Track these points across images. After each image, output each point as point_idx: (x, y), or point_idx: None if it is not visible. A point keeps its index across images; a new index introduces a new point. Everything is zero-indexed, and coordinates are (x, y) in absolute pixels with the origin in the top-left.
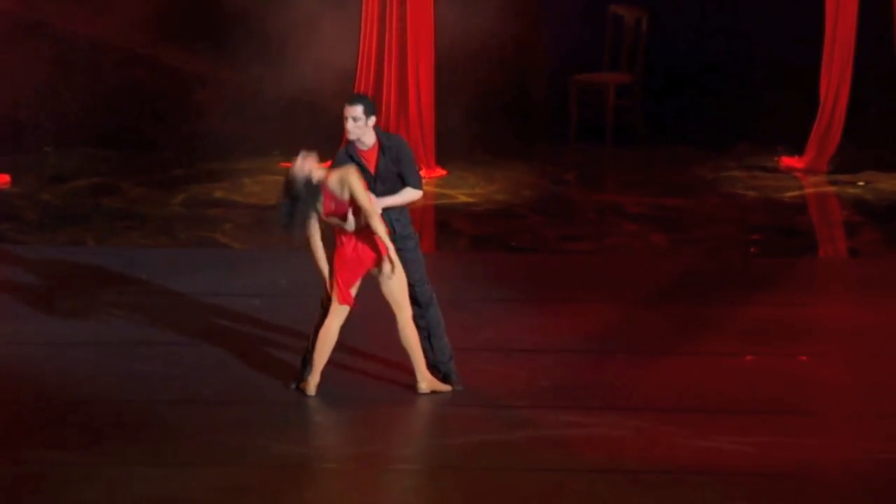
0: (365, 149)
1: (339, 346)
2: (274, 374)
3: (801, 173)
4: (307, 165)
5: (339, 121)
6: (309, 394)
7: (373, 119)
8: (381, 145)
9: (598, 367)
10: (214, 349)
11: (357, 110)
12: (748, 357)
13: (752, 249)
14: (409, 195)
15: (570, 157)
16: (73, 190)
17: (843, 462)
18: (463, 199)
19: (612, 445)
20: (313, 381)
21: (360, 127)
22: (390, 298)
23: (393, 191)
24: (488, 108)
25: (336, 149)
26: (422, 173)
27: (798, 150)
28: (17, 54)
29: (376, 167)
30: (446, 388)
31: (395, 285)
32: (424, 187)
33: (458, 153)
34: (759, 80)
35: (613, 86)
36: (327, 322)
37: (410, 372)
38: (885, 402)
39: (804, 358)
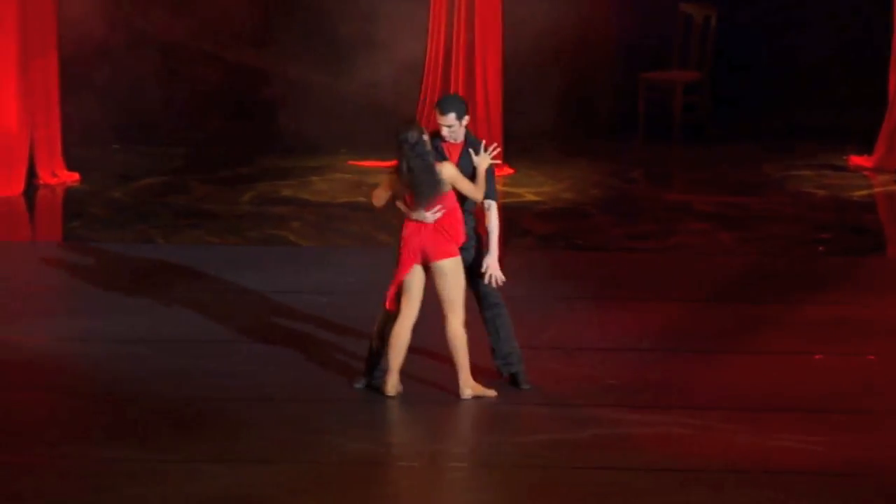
0: (452, 142)
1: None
2: (340, 371)
3: (870, 172)
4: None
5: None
6: (388, 394)
7: (466, 119)
8: (467, 144)
9: (663, 366)
10: (281, 347)
11: (450, 118)
12: (816, 356)
13: (819, 248)
14: (493, 215)
15: (637, 155)
16: (142, 188)
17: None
18: (530, 197)
19: (678, 444)
20: (391, 380)
21: (455, 131)
22: (445, 298)
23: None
24: (556, 106)
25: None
26: None
27: (868, 148)
28: (86, 52)
29: (457, 164)
30: (491, 393)
31: (452, 285)
32: None
33: (525, 151)
34: (828, 77)
35: (681, 83)
36: (399, 320)
37: (476, 370)
38: None
39: (872, 357)
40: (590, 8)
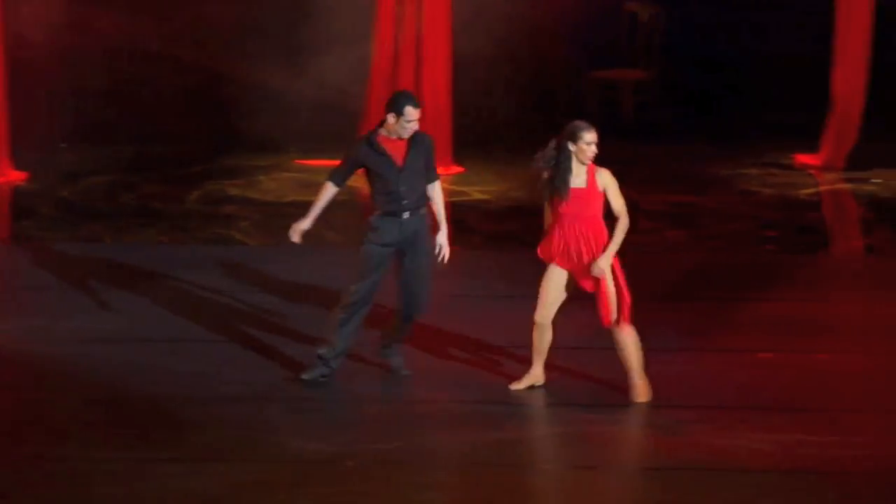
0: (396, 138)
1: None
2: (292, 370)
3: (817, 170)
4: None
5: (354, 118)
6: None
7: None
8: (413, 139)
9: (617, 365)
10: (230, 346)
11: (419, 113)
12: (766, 354)
13: (767, 246)
14: (439, 192)
15: None
16: (91, 187)
17: (864, 459)
18: (478, 196)
19: (632, 442)
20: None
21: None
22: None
23: (415, 185)
24: (505, 106)
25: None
26: (438, 170)
27: (813, 147)
28: (34, 52)
29: (405, 160)
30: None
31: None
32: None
33: (474, 150)
34: (775, 76)
35: (631, 82)
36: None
37: (432, 370)
38: (883, 398)
39: (822, 355)
40: (539, 7)
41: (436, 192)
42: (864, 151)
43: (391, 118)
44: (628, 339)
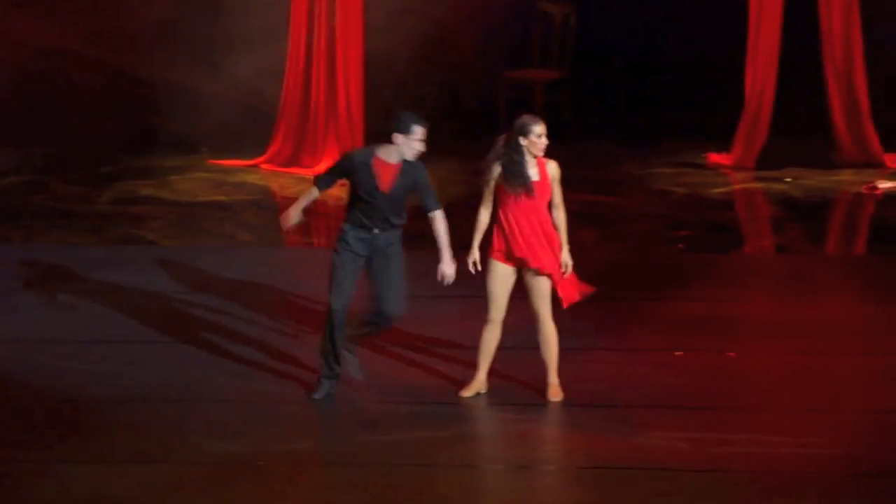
0: (391, 162)
1: (271, 343)
2: (210, 371)
3: (729, 170)
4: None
5: (268, 118)
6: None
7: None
8: (404, 166)
9: (530, 364)
10: (143, 346)
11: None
12: (677, 353)
13: (679, 246)
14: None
15: None
16: (1, 188)
17: (772, 456)
18: None
19: (545, 441)
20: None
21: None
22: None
23: (395, 211)
24: (418, 106)
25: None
26: None
27: (725, 146)
28: None
29: (391, 186)
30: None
31: None
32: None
33: None
34: (687, 77)
35: (542, 82)
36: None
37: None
38: (811, 396)
39: (732, 354)
40: (452, 7)
41: (436, 221)
42: (774, 151)
43: (399, 138)
44: (553, 336)
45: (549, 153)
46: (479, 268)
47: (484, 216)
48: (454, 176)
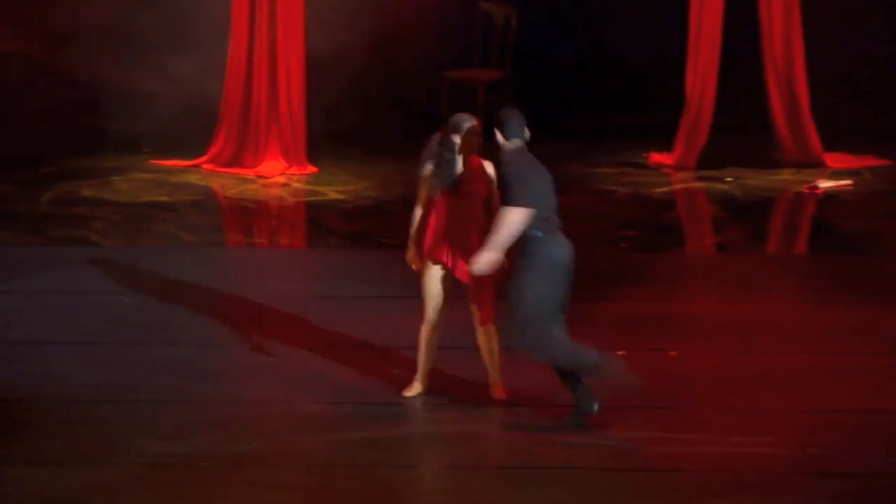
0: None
1: (212, 344)
2: (149, 372)
3: (670, 169)
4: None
5: (211, 118)
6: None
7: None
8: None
9: (476, 364)
10: (83, 347)
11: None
12: (619, 353)
13: (622, 245)
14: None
15: None
16: None
17: (715, 456)
18: (334, 195)
19: (487, 442)
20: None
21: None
22: None
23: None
24: (359, 106)
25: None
26: (293, 170)
27: (667, 146)
28: None
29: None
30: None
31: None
32: (296, 184)
33: (329, 150)
34: (628, 76)
35: (483, 83)
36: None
37: (293, 372)
38: (753, 396)
39: (674, 353)
40: (394, 7)
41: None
42: (716, 150)
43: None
44: (494, 338)
45: (494, 153)
46: (417, 266)
47: (418, 214)
48: (397, 175)
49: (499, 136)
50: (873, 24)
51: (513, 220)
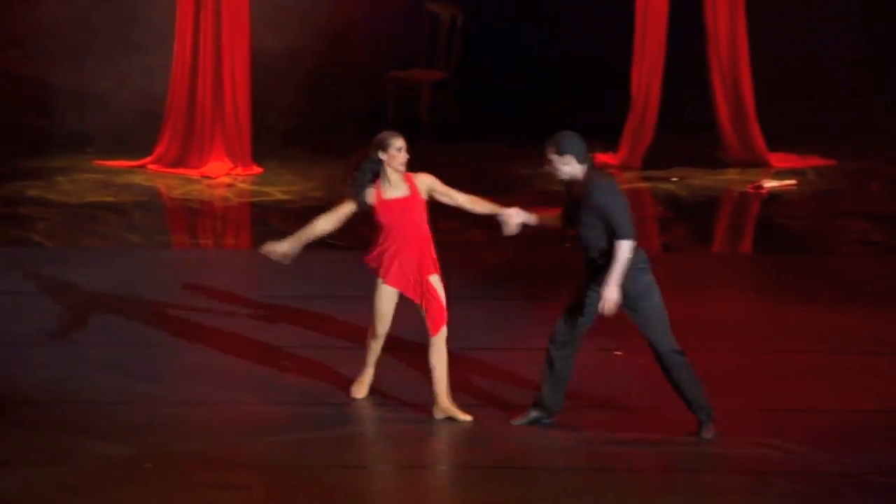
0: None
1: (157, 345)
2: (97, 373)
3: (615, 169)
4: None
5: (157, 119)
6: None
7: (570, 157)
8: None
9: (418, 364)
10: (27, 348)
11: (549, 152)
12: (617, 352)
13: (567, 245)
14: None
15: None
16: None
17: (658, 455)
18: (279, 196)
19: (432, 440)
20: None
21: (558, 166)
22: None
23: None
24: (305, 106)
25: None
26: (238, 171)
27: (612, 146)
28: None
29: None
30: (466, 417)
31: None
32: (241, 184)
33: (274, 150)
34: (573, 76)
35: (429, 82)
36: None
37: (238, 373)
38: None
39: (619, 353)
40: (339, 7)
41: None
42: (661, 150)
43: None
44: (444, 351)
45: (439, 153)
46: (282, 259)
47: (320, 225)
48: (342, 175)
49: (570, 160)
50: (818, 25)
51: (628, 254)
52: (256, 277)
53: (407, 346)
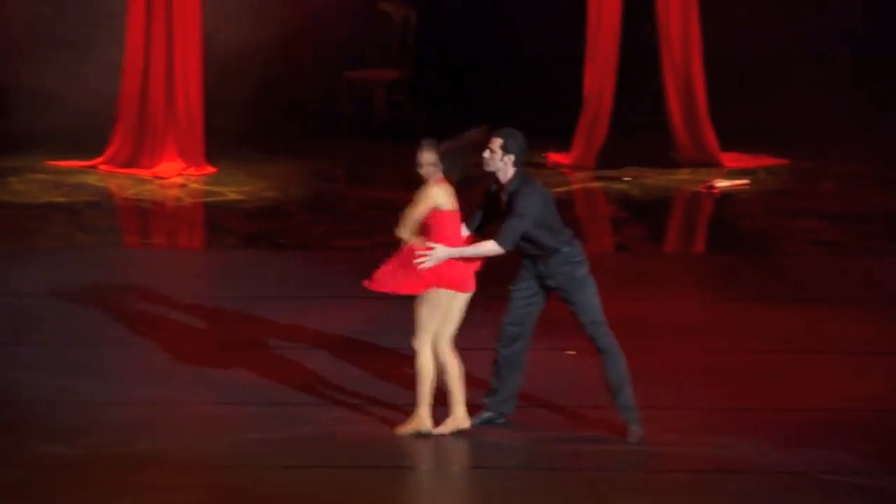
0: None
1: (108, 345)
2: (41, 373)
3: (568, 169)
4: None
5: (106, 118)
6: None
7: (512, 157)
8: (509, 188)
9: (373, 363)
10: None
11: (496, 143)
12: (570, 352)
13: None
14: (485, 248)
15: (340, 153)
16: None
17: (615, 454)
18: (232, 196)
19: (387, 442)
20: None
21: (495, 160)
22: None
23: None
24: (258, 105)
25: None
26: (191, 171)
27: (565, 146)
28: None
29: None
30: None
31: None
32: (194, 184)
33: (227, 150)
34: (526, 76)
35: (384, 82)
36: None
37: (185, 372)
38: (652, 395)
39: (572, 353)
40: (292, 7)
41: None
42: (614, 150)
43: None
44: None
45: (393, 153)
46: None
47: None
48: (295, 176)
49: (509, 161)
50: (770, 24)
51: (484, 252)
52: (208, 278)
53: (359, 347)
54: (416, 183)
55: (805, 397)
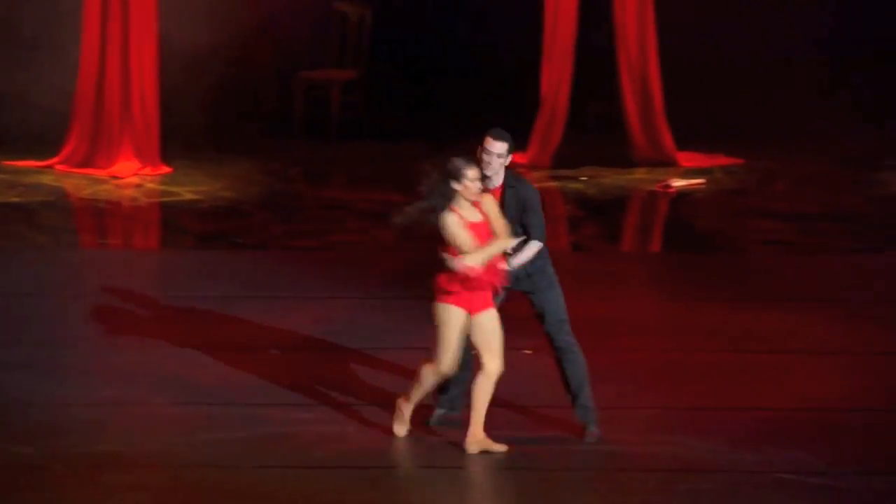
0: (491, 188)
1: (66, 345)
2: (3, 373)
3: (524, 168)
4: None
5: (63, 117)
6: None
7: (510, 158)
8: (506, 187)
9: (331, 364)
10: None
11: (503, 148)
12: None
13: None
14: (533, 249)
15: (296, 153)
16: None
17: (573, 454)
18: (189, 196)
19: (347, 441)
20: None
21: (503, 165)
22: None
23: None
24: (214, 105)
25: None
26: (147, 171)
27: (521, 145)
28: None
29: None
30: (500, 447)
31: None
32: (150, 184)
33: (183, 150)
34: (483, 75)
35: (339, 82)
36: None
37: (146, 373)
38: (610, 394)
39: (529, 351)
40: (247, 7)
41: None
42: (570, 149)
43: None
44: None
45: (349, 153)
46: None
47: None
48: (251, 176)
49: (509, 160)
50: (726, 24)
51: (535, 251)
52: (165, 278)
53: (319, 347)
54: (371, 182)
55: (762, 396)
